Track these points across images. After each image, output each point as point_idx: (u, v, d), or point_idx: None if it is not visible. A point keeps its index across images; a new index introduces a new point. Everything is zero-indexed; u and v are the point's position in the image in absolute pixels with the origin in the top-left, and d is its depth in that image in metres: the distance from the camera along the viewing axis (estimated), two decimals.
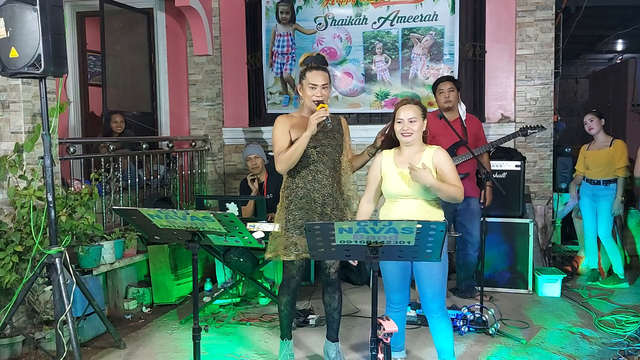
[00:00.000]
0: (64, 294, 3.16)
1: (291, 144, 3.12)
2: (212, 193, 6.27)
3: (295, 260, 3.20)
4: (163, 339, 4.01)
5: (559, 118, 6.55)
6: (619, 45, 10.95)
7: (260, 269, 4.67)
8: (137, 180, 5.07)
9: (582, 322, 4.16)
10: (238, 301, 4.68)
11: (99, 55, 6.53)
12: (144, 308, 4.67)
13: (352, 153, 3.40)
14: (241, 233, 2.57)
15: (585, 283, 5.16)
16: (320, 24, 5.74)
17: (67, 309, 3.14)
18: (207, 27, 6.17)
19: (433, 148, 3.01)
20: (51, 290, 3.33)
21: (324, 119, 2.99)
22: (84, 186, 4.09)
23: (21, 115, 3.68)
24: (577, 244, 5.66)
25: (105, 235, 4.22)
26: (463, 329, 3.90)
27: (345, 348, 3.66)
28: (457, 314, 3.96)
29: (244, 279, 4.51)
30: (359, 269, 5.17)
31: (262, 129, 6.07)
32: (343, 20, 5.67)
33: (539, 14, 5.56)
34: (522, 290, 4.85)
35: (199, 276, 5.16)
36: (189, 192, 5.89)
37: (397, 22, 5.54)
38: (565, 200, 5.85)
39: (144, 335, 4.10)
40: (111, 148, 4.71)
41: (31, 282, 3.35)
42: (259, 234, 3.82)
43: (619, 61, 11.22)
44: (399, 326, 2.94)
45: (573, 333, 3.96)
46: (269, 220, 4.17)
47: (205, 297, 4.76)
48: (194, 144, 6.02)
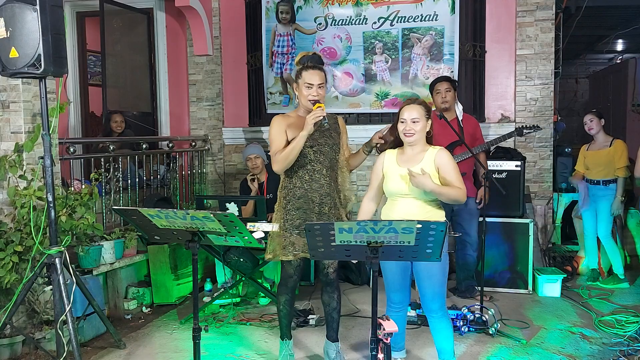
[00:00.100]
0: (64, 294, 3.16)
1: (288, 143, 3.12)
2: (212, 193, 6.27)
3: (293, 260, 3.21)
4: (163, 339, 4.01)
5: (559, 118, 6.54)
6: (619, 45, 10.94)
7: (260, 269, 4.67)
8: (137, 180, 5.07)
9: (582, 322, 4.15)
10: (238, 301, 4.68)
11: (99, 55, 6.53)
12: (144, 308, 4.67)
13: (350, 152, 3.40)
14: (241, 233, 2.58)
15: (585, 283, 5.16)
16: (320, 24, 5.74)
17: (67, 309, 3.14)
18: (207, 27, 6.17)
19: (436, 149, 3.01)
20: (51, 290, 3.33)
21: (321, 118, 2.99)
22: (84, 186, 4.09)
23: (21, 115, 3.68)
24: (577, 244, 5.66)
25: (105, 235, 4.22)
26: (463, 329, 3.90)
27: (345, 348, 3.66)
28: (457, 314, 3.96)
29: (244, 279, 4.51)
30: (359, 269, 5.17)
31: (262, 129, 6.07)
32: (343, 20, 5.67)
33: (539, 14, 5.56)
34: (522, 290, 4.85)
35: (199, 276, 5.16)
36: (189, 192, 5.89)
37: (397, 22, 5.54)
38: (566, 200, 5.85)
39: (144, 335, 4.10)
40: (111, 148, 4.71)
41: (31, 282, 3.35)
42: (259, 234, 3.83)
43: (619, 61, 11.21)
44: (399, 326, 2.95)
45: (573, 333, 3.96)
46: (269, 220, 4.17)
47: (205, 297, 4.77)
48: (194, 144, 6.02)
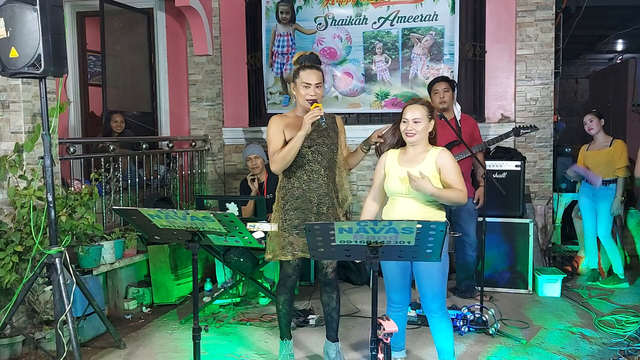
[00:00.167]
0: (64, 294, 3.16)
1: (285, 143, 3.12)
2: (212, 193, 6.27)
3: (292, 260, 3.21)
4: (163, 339, 4.01)
5: (559, 118, 6.54)
6: (619, 45, 10.94)
7: (260, 269, 4.67)
8: (137, 180, 5.07)
9: (582, 322, 4.15)
10: (238, 301, 4.68)
11: (99, 55, 6.53)
12: (144, 308, 4.67)
13: (348, 151, 3.40)
14: (241, 233, 2.58)
15: (585, 283, 5.15)
16: (320, 24, 5.74)
17: (67, 309, 3.14)
18: (207, 27, 6.17)
19: (438, 149, 3.00)
20: (51, 290, 3.33)
21: (318, 118, 2.99)
22: (84, 186, 4.09)
23: (21, 115, 3.68)
24: (577, 244, 5.66)
25: (105, 235, 4.22)
26: (463, 329, 3.90)
27: (345, 348, 3.66)
28: (457, 314, 3.96)
29: (244, 279, 4.51)
30: (359, 269, 5.17)
31: (262, 129, 6.06)
32: (343, 20, 5.67)
33: (539, 14, 5.56)
34: (522, 290, 4.85)
35: (199, 276, 5.16)
36: (189, 192, 5.89)
37: (397, 22, 5.54)
38: (566, 200, 5.85)
39: (144, 335, 4.10)
40: (111, 148, 4.71)
41: (31, 282, 3.35)
42: (259, 234, 3.81)
43: (619, 61, 11.21)
44: (399, 326, 2.95)
45: (573, 333, 3.95)
46: (269, 220, 4.16)
47: (205, 297, 4.77)
48: (194, 144, 6.02)
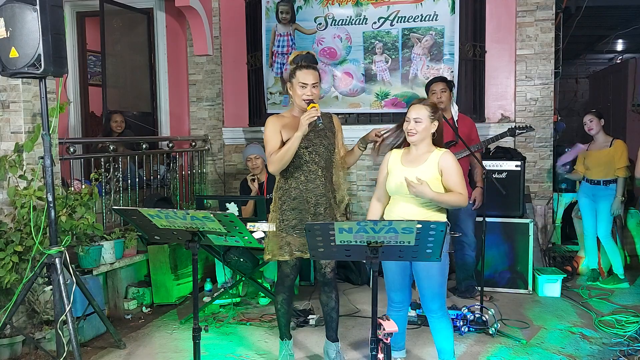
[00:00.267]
0: (64, 294, 3.16)
1: (283, 144, 3.11)
2: (212, 193, 6.27)
3: (289, 259, 3.21)
4: (163, 339, 4.01)
5: (559, 118, 6.54)
6: (619, 45, 10.93)
7: (260, 269, 4.67)
8: (137, 180, 5.07)
9: (582, 322, 4.15)
10: (238, 301, 4.68)
11: (99, 55, 6.53)
12: (144, 308, 4.67)
13: (345, 150, 3.39)
14: (241, 233, 2.58)
15: (585, 283, 5.15)
16: (320, 24, 5.73)
17: (67, 309, 3.14)
18: (207, 27, 6.17)
19: (441, 151, 3.00)
20: (51, 290, 3.33)
21: (315, 118, 2.98)
22: (84, 186, 4.09)
23: (21, 115, 3.68)
24: (577, 244, 5.66)
25: (105, 235, 4.22)
26: (463, 329, 3.90)
27: (345, 348, 3.66)
28: (457, 314, 3.96)
29: (244, 279, 4.51)
30: (359, 269, 5.17)
31: (262, 129, 5.93)
32: (343, 20, 5.66)
33: (539, 14, 5.56)
34: (522, 290, 4.85)
35: (199, 276, 5.16)
36: (189, 192, 5.89)
37: (397, 22, 5.53)
38: (566, 200, 5.85)
39: (144, 335, 4.10)
40: (111, 148, 4.71)
41: (31, 282, 3.35)
42: (259, 234, 3.81)
43: (619, 61, 11.21)
44: (399, 326, 2.95)
45: (573, 333, 3.95)
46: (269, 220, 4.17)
47: (205, 297, 4.77)
48: (194, 144, 6.02)
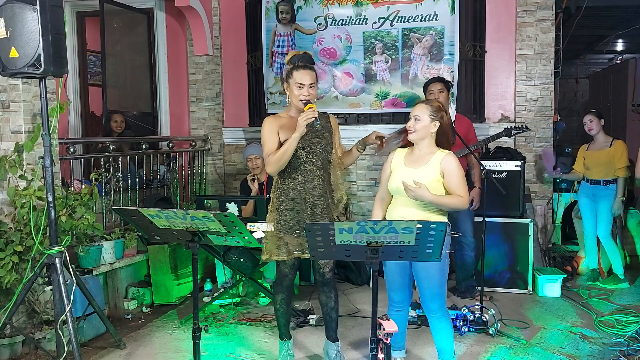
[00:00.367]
0: (64, 294, 3.16)
1: (280, 144, 3.11)
2: (212, 193, 6.27)
3: (287, 259, 3.22)
4: (163, 339, 4.01)
5: (559, 118, 6.54)
6: (619, 45, 10.93)
7: (260, 269, 4.67)
8: (137, 180, 5.07)
9: (582, 322, 4.15)
10: (238, 301, 4.68)
11: (99, 55, 6.53)
12: (144, 308, 4.67)
13: (342, 150, 3.39)
14: (241, 233, 2.58)
15: (585, 283, 5.15)
16: (320, 24, 5.73)
17: (67, 309, 3.14)
18: (207, 27, 6.17)
19: (443, 153, 2.97)
20: (51, 290, 3.33)
21: (312, 119, 2.97)
22: (84, 186, 4.09)
23: (21, 115, 3.68)
24: (577, 244, 5.66)
25: (105, 235, 4.22)
26: (463, 329, 3.90)
27: (345, 348, 3.66)
28: (457, 314, 3.96)
29: (244, 279, 4.51)
30: (359, 269, 5.17)
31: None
32: (343, 20, 5.66)
33: (539, 14, 5.56)
34: (522, 290, 4.85)
35: (199, 276, 5.16)
36: (189, 192, 5.89)
37: (397, 22, 5.53)
38: (566, 200, 5.85)
39: (144, 335, 4.10)
40: (111, 148, 4.71)
41: (31, 282, 3.35)
42: (259, 234, 3.82)
43: (619, 61, 11.21)
44: (400, 326, 2.95)
45: (573, 333, 3.95)
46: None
47: (205, 297, 4.77)
48: (194, 144, 6.02)
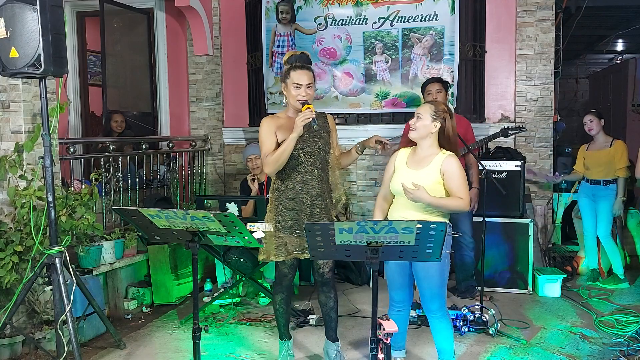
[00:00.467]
0: (64, 294, 3.16)
1: (278, 145, 3.11)
2: (212, 193, 6.27)
3: (286, 260, 3.22)
4: (163, 339, 4.01)
5: (559, 118, 6.55)
6: (619, 45, 10.94)
7: (260, 269, 4.67)
8: (137, 180, 5.07)
9: (582, 322, 4.15)
10: (238, 301, 4.68)
11: (99, 55, 6.53)
12: (144, 308, 4.67)
13: (340, 150, 3.39)
14: (241, 233, 2.57)
15: (585, 283, 5.15)
16: (320, 24, 5.73)
17: (67, 309, 3.14)
18: (207, 27, 6.17)
19: (445, 154, 2.96)
20: (51, 290, 3.33)
21: (310, 120, 2.97)
22: (84, 186, 4.09)
23: (21, 115, 3.68)
24: (577, 244, 5.66)
25: (105, 235, 4.22)
26: (463, 329, 3.90)
27: (345, 348, 3.66)
28: (457, 314, 3.96)
29: (244, 279, 4.51)
30: (359, 269, 5.17)
31: None
32: (343, 20, 5.66)
33: (539, 14, 5.56)
34: (522, 290, 4.85)
35: (199, 276, 5.16)
36: (189, 192, 5.89)
37: (397, 22, 5.53)
38: (566, 200, 5.85)
39: (144, 335, 4.10)
40: (111, 148, 4.71)
41: (31, 282, 3.35)
42: (259, 234, 3.81)
43: (619, 61, 11.22)
44: (400, 326, 2.95)
45: (573, 333, 3.95)
46: None
47: (205, 297, 4.77)
48: (194, 144, 6.02)
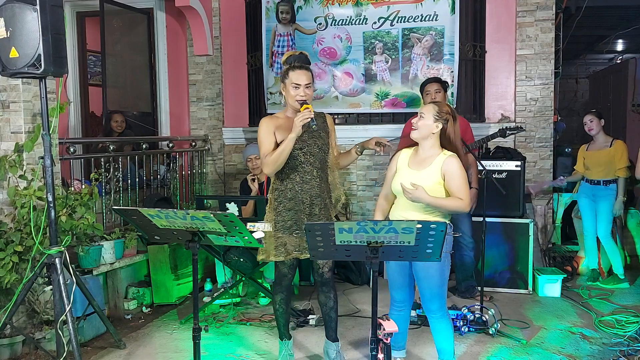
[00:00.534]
0: (64, 294, 3.16)
1: (276, 145, 3.11)
2: (212, 193, 6.27)
3: (285, 260, 3.22)
4: (163, 339, 4.01)
5: (559, 118, 6.55)
6: (619, 45, 10.94)
7: (261, 269, 4.67)
8: (137, 180, 5.07)
9: (582, 322, 4.16)
10: (238, 301, 4.68)
11: (99, 55, 6.53)
12: (144, 308, 4.67)
13: (338, 150, 3.39)
14: (241, 233, 2.58)
15: (585, 283, 5.15)
16: (320, 24, 5.73)
17: (67, 309, 3.14)
18: (207, 27, 6.17)
19: (446, 155, 2.96)
20: (51, 290, 3.33)
21: (309, 120, 2.97)
22: (84, 186, 4.09)
23: (21, 115, 3.68)
24: (577, 244, 5.66)
25: (105, 235, 4.22)
26: (463, 329, 3.90)
27: (345, 348, 3.66)
28: (457, 314, 3.96)
29: (244, 279, 4.51)
30: (359, 269, 5.17)
31: None
32: (343, 20, 5.66)
33: (539, 14, 5.56)
34: (522, 290, 4.85)
35: (199, 276, 5.16)
36: (189, 192, 5.89)
37: (397, 22, 5.53)
38: (566, 200, 5.85)
39: (144, 335, 4.10)
40: (111, 148, 4.71)
41: (31, 282, 3.35)
42: (259, 234, 3.81)
43: (619, 61, 11.22)
44: (400, 326, 2.95)
45: (573, 333, 3.96)
46: None
47: (205, 297, 4.77)
48: (194, 144, 6.02)
